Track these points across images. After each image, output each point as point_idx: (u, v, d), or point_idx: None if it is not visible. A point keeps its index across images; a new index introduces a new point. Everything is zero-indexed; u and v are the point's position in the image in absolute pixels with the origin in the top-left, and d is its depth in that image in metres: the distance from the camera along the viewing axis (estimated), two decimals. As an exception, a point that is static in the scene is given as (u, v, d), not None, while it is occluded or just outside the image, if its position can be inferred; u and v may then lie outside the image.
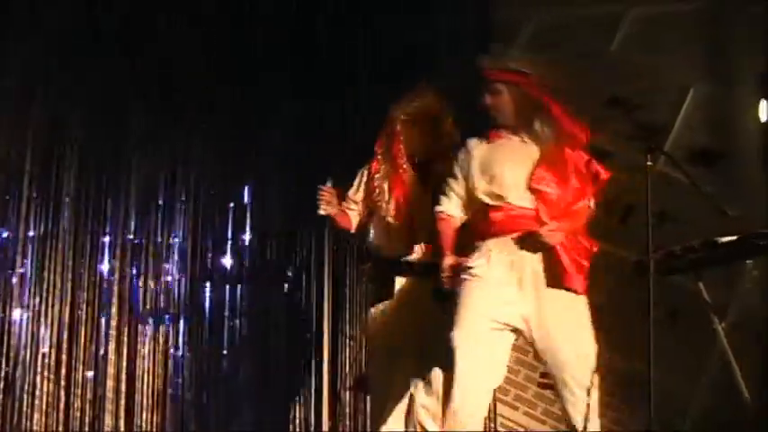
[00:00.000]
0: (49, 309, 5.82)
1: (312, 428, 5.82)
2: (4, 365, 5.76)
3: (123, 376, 5.87)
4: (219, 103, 6.03)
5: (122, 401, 5.83)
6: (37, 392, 5.77)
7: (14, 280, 5.86)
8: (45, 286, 5.82)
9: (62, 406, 5.77)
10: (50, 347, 5.81)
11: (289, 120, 5.98)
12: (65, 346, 5.81)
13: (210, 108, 6.03)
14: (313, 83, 5.96)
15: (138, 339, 5.93)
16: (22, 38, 5.90)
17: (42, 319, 5.81)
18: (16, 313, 5.82)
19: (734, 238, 4.67)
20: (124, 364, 5.88)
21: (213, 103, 6.04)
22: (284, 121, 6.00)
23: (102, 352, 5.86)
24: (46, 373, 5.78)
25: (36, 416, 5.74)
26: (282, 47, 6.03)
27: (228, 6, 6.11)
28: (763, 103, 5.86)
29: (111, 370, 5.84)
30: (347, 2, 6.07)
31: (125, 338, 5.90)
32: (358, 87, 5.65)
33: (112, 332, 5.89)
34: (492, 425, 5.78)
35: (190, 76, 6.03)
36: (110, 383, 5.84)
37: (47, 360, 5.80)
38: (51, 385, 5.77)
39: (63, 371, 5.79)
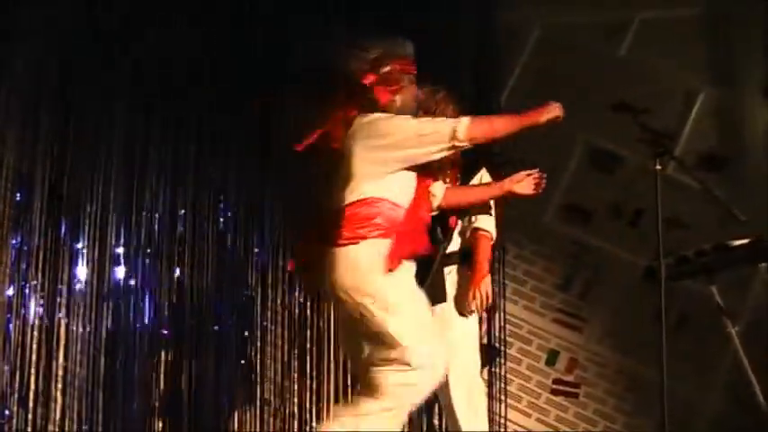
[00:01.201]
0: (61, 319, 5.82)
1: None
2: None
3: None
4: (219, 104, 6.03)
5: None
6: (51, 404, 5.76)
7: (27, 291, 5.84)
8: (55, 297, 5.82)
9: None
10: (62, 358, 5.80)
11: (289, 120, 5.97)
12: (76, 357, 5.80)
13: (210, 108, 6.03)
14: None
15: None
16: (23, 39, 5.91)
17: (54, 330, 5.80)
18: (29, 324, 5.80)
19: (746, 241, 4.66)
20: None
21: (213, 104, 6.03)
22: (284, 122, 5.99)
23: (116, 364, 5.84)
24: (60, 385, 5.76)
25: (50, 427, 5.74)
26: (282, 47, 6.03)
27: (228, 6, 6.11)
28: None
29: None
30: (347, 3, 6.08)
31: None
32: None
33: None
34: (505, 432, 5.78)
35: (190, 77, 6.03)
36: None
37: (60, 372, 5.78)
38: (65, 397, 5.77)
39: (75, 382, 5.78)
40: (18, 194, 5.78)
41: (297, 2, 6.03)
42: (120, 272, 5.93)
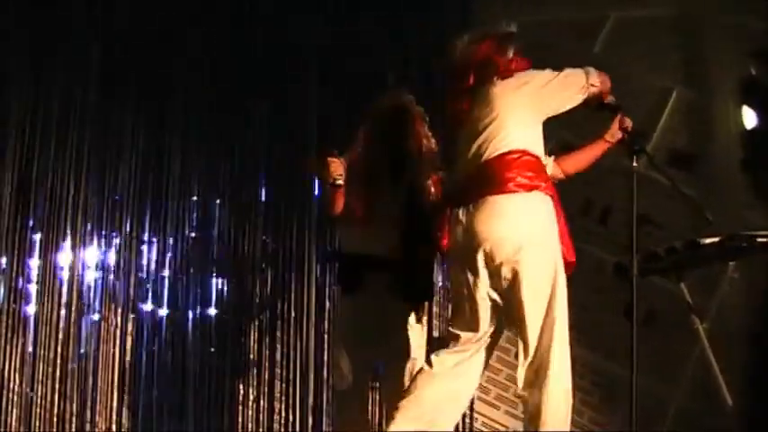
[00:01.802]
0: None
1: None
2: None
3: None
4: (219, 104, 6.05)
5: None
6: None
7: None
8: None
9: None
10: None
11: (292, 120, 6.00)
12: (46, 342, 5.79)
13: (210, 108, 6.04)
14: (313, 85, 6.01)
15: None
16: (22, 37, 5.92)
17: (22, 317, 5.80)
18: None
19: (716, 239, 4.69)
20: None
21: (213, 104, 6.05)
22: (288, 122, 6.02)
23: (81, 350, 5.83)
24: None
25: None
26: (282, 47, 6.05)
27: (228, 6, 6.11)
28: (744, 109, 5.89)
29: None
30: (347, 2, 6.09)
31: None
32: (359, 90, 5.66)
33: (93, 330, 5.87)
34: (473, 424, 5.80)
35: (190, 76, 6.03)
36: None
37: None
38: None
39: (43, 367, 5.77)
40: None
41: (297, 2, 6.05)
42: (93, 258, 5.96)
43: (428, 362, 3.87)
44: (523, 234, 3.71)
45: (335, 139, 5.02)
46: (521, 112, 3.83)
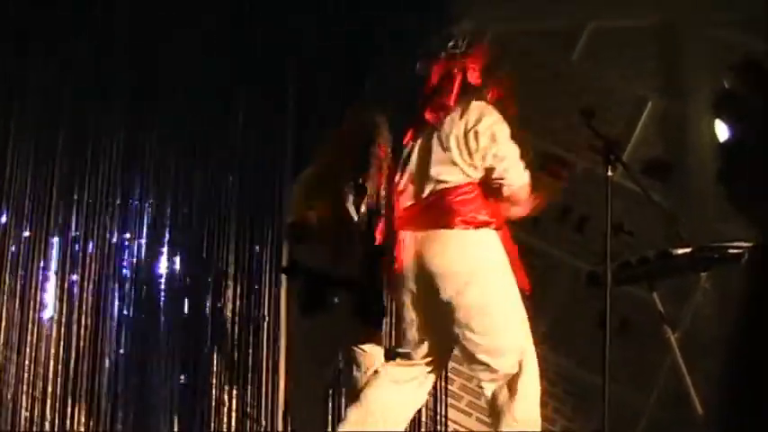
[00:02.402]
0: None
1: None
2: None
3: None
4: (218, 104, 6.03)
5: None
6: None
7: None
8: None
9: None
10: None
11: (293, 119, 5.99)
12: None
13: (210, 108, 6.02)
14: (314, 84, 6.00)
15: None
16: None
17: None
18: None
19: (688, 249, 4.70)
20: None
21: (212, 104, 6.03)
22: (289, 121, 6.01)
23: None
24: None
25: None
26: (282, 47, 6.03)
27: (228, 6, 6.10)
28: (717, 122, 5.90)
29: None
30: (347, 3, 6.09)
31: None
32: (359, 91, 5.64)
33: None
34: (445, 431, 5.79)
35: (190, 77, 6.01)
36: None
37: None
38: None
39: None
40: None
41: (297, 2, 6.03)
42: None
43: (376, 371, 3.94)
44: (472, 269, 3.75)
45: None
46: (475, 155, 3.80)
